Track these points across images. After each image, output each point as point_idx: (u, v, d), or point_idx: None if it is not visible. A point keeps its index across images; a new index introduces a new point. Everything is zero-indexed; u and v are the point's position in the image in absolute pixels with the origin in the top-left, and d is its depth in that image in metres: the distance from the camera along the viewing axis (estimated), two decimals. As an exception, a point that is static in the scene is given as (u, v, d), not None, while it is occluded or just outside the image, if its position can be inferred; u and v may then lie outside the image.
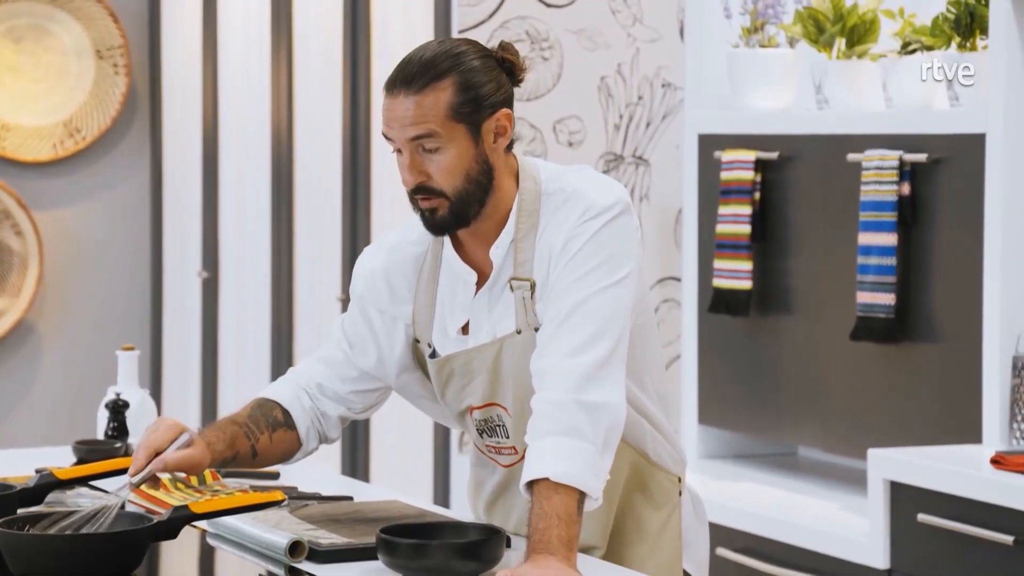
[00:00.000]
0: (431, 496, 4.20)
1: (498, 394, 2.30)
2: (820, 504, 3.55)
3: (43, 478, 2.34)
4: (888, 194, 3.38)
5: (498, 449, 2.34)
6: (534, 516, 2.10)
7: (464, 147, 2.21)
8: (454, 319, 2.31)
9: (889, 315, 3.37)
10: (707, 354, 3.93)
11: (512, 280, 2.25)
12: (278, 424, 2.38)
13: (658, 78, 4.22)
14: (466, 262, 2.30)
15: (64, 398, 5.50)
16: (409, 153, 2.20)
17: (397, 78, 2.20)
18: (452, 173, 2.20)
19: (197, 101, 5.27)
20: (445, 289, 2.32)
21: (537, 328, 2.24)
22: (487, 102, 2.21)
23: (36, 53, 5.44)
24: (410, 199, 2.24)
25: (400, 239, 2.37)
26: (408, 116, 2.18)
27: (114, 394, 2.94)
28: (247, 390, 4.97)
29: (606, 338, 2.17)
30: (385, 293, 2.36)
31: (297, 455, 2.42)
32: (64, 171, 5.52)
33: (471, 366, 2.29)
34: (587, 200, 2.22)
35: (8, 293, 5.43)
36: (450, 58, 2.20)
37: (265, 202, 4.90)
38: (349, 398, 2.41)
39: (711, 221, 3.85)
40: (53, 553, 2.05)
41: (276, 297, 4.85)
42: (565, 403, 2.14)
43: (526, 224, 2.25)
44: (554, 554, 2.06)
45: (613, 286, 2.19)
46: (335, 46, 4.56)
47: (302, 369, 2.44)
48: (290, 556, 2.19)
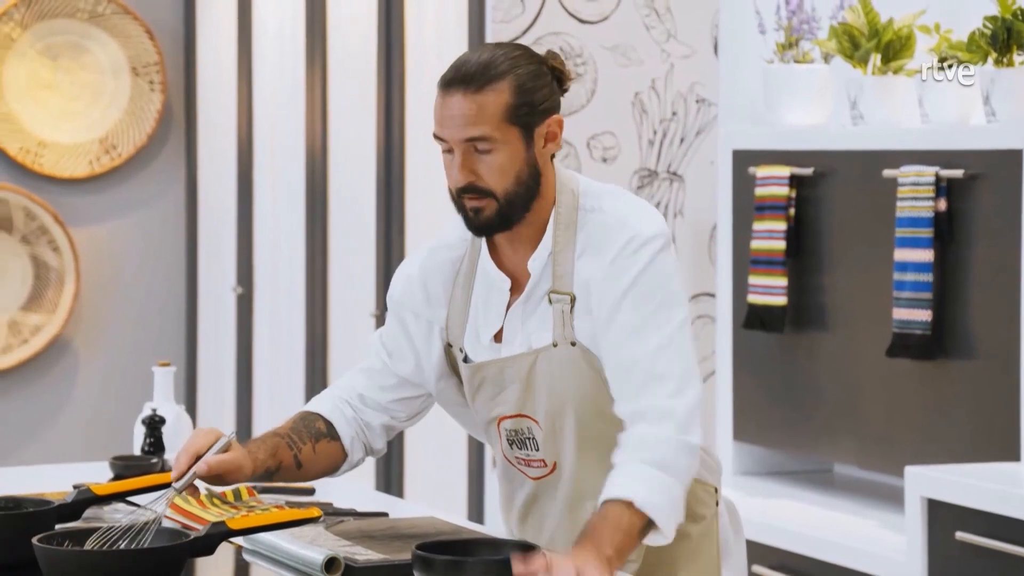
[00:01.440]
0: (465, 512, 4.20)
1: (528, 406, 2.30)
2: (856, 521, 3.53)
3: (81, 494, 2.35)
4: (924, 210, 3.36)
5: (528, 461, 2.34)
6: (595, 518, 2.10)
7: (517, 149, 2.21)
8: (488, 325, 2.31)
9: (926, 332, 3.35)
10: (742, 370, 3.92)
11: (551, 293, 2.25)
12: (321, 435, 2.38)
13: (692, 94, 4.22)
14: (501, 268, 2.30)
15: (100, 414, 5.52)
16: (461, 153, 2.20)
17: (455, 77, 2.19)
18: (503, 174, 2.21)
19: (232, 117, 5.29)
20: (480, 294, 2.32)
21: (574, 343, 2.24)
22: (541, 107, 2.22)
23: (73, 71, 5.48)
24: (455, 199, 2.24)
25: (437, 243, 2.38)
26: (464, 116, 2.18)
27: (150, 410, 2.95)
28: (281, 405, 4.98)
29: (695, 377, 2.21)
30: (420, 297, 2.36)
31: (343, 467, 2.41)
32: (100, 188, 5.56)
33: (504, 375, 2.29)
34: (629, 230, 2.23)
35: (45, 309, 5.46)
36: (508, 60, 2.20)
37: (299, 217, 4.92)
38: (391, 407, 2.41)
39: (745, 237, 3.84)
40: (92, 569, 2.06)
41: (310, 312, 4.87)
42: (671, 440, 2.15)
43: (563, 237, 2.25)
44: (600, 550, 2.05)
45: (684, 322, 2.22)
46: (369, 62, 4.57)
47: (343, 382, 2.45)
48: (326, 572, 2.19)
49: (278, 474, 2.33)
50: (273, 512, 2.27)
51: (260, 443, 2.32)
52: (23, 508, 2.30)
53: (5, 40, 5.40)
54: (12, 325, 5.44)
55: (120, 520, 2.15)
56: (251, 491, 2.57)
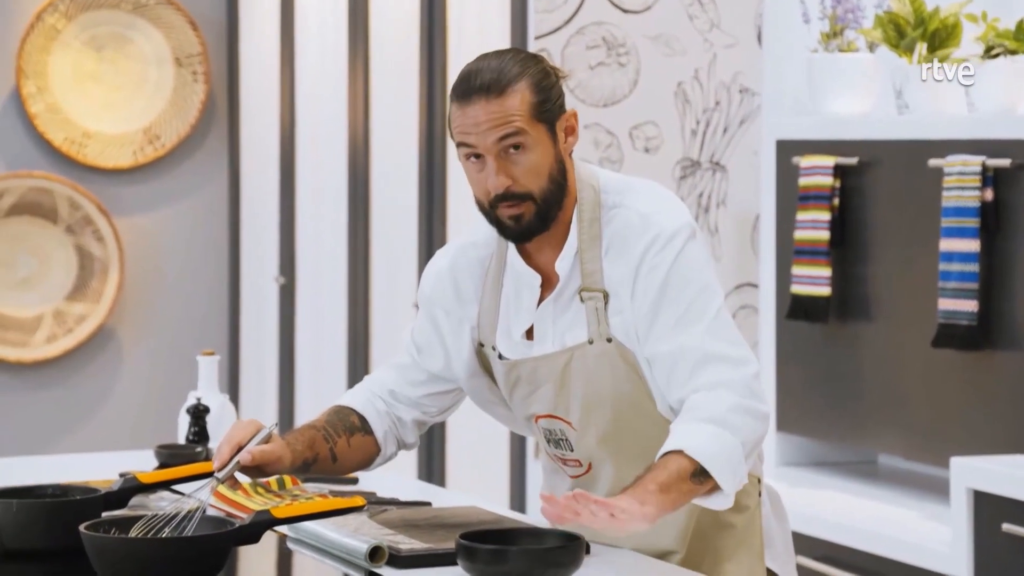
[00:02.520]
0: (507, 502, 4.20)
1: (561, 407, 2.29)
2: (901, 513, 3.51)
3: (127, 482, 2.36)
4: (971, 200, 3.34)
5: (564, 460, 2.34)
6: (649, 466, 2.09)
7: (547, 146, 2.22)
8: (519, 322, 2.31)
9: (972, 322, 3.33)
10: (785, 361, 3.90)
11: (583, 291, 2.25)
12: (355, 429, 2.39)
13: (735, 83, 4.20)
14: (530, 265, 2.30)
15: (144, 403, 5.55)
16: (494, 157, 2.19)
17: (471, 87, 2.19)
18: (538, 173, 2.21)
19: (275, 108, 5.31)
20: (510, 292, 2.32)
21: (610, 339, 2.23)
22: (558, 101, 2.23)
23: (117, 61, 5.51)
24: (488, 211, 2.23)
25: (466, 241, 2.38)
26: (493, 119, 2.18)
27: (195, 399, 2.96)
28: (324, 395, 5.00)
29: (749, 353, 2.22)
30: (451, 294, 2.36)
31: (377, 460, 2.42)
32: (144, 178, 5.58)
33: (538, 374, 2.29)
34: (653, 228, 2.22)
35: (89, 299, 5.49)
36: (518, 63, 2.21)
37: (341, 208, 4.93)
38: (422, 402, 2.42)
39: (789, 227, 3.83)
40: (138, 556, 2.07)
41: (352, 302, 4.88)
42: (729, 402, 2.14)
43: (587, 234, 2.25)
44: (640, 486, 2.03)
45: (723, 306, 2.22)
46: (411, 52, 4.58)
47: (375, 376, 2.45)
48: (370, 561, 2.20)
49: (315, 466, 2.35)
50: (317, 501, 2.27)
51: (297, 435, 2.33)
52: (70, 496, 2.32)
53: (50, 31, 5.43)
54: (57, 315, 5.48)
55: (165, 508, 2.16)
56: (295, 480, 2.57)
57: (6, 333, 5.42)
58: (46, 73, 5.43)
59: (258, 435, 2.26)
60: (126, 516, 2.21)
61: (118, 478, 2.41)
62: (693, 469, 2.09)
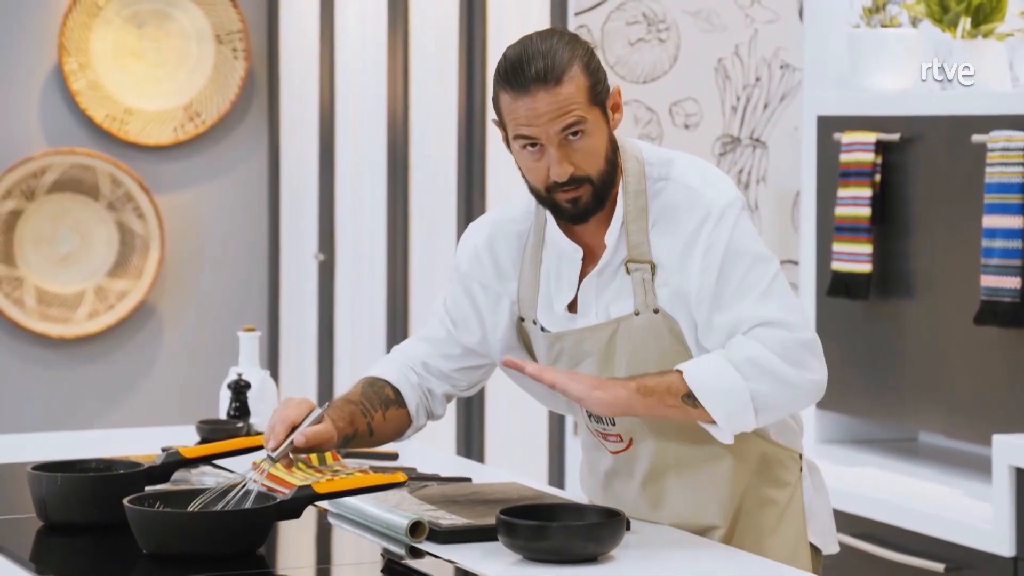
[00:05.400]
0: (546, 478, 4.20)
1: None
2: (942, 490, 3.50)
3: (169, 456, 2.38)
4: (1015, 176, 3.31)
5: (605, 435, 2.34)
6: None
7: (602, 128, 2.22)
8: (560, 295, 2.31)
9: (1015, 299, 3.30)
10: (826, 338, 3.85)
11: (629, 263, 2.24)
12: (390, 402, 2.40)
13: (776, 59, 4.18)
14: (570, 238, 2.29)
15: (185, 379, 5.59)
16: (556, 146, 2.19)
17: (527, 76, 2.16)
18: (596, 157, 2.21)
19: (314, 85, 5.31)
20: (550, 265, 2.32)
21: (656, 310, 2.23)
22: (605, 81, 2.22)
23: (158, 38, 5.53)
24: (544, 196, 2.23)
25: (502, 216, 2.37)
26: (554, 109, 2.17)
27: (236, 374, 2.97)
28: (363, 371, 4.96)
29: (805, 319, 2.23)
30: (490, 269, 2.36)
31: (408, 432, 2.44)
32: (184, 155, 5.60)
33: (582, 347, 2.29)
34: (703, 205, 2.22)
35: (130, 275, 5.52)
36: (567, 46, 2.19)
37: (381, 184, 4.94)
38: (453, 376, 2.42)
39: (830, 204, 3.81)
40: (180, 530, 2.09)
41: (391, 279, 4.89)
42: (755, 356, 2.17)
43: (634, 206, 2.24)
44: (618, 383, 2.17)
45: (778, 272, 2.24)
46: (451, 27, 4.57)
47: (405, 348, 2.46)
48: (411, 536, 2.20)
49: (353, 441, 2.36)
50: (358, 476, 2.28)
51: (337, 411, 2.34)
52: (114, 470, 2.34)
53: (92, 8, 5.45)
54: (99, 291, 5.51)
55: (207, 484, 2.18)
56: (335, 455, 2.58)
57: (49, 309, 5.46)
58: (87, 50, 5.45)
59: (310, 416, 2.27)
60: (169, 490, 2.22)
61: (160, 453, 2.42)
62: (686, 391, 2.16)
